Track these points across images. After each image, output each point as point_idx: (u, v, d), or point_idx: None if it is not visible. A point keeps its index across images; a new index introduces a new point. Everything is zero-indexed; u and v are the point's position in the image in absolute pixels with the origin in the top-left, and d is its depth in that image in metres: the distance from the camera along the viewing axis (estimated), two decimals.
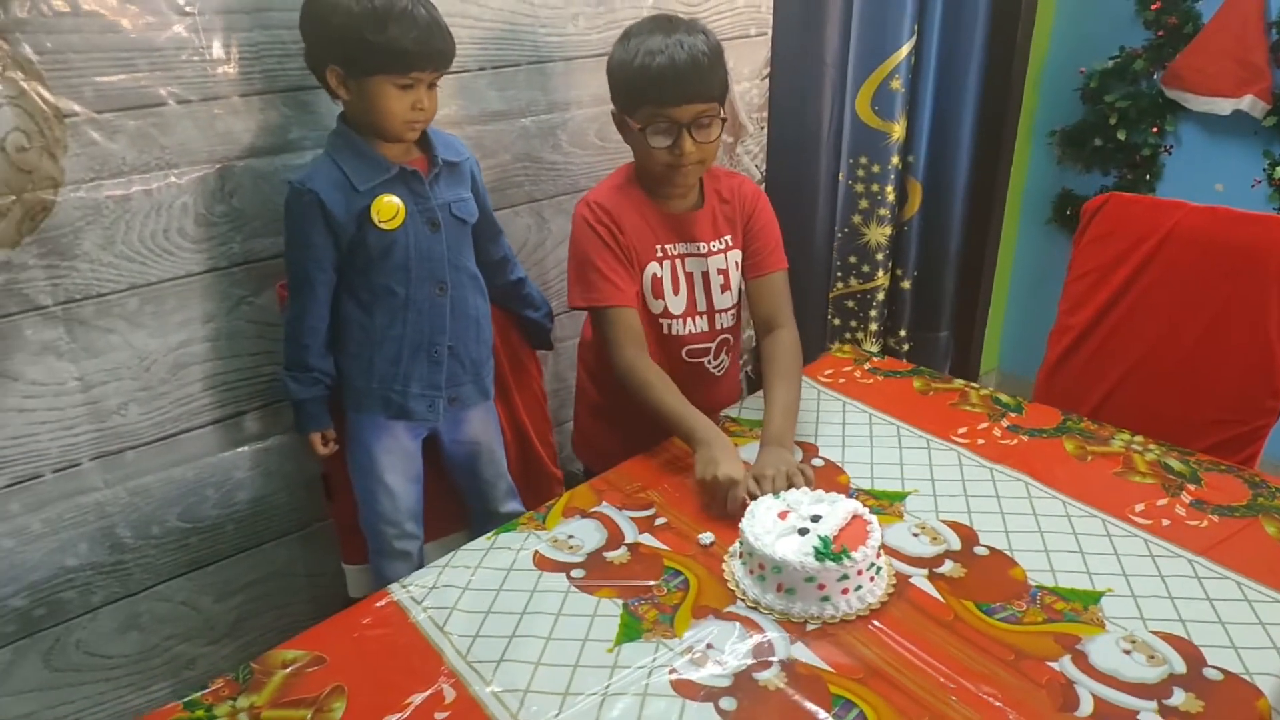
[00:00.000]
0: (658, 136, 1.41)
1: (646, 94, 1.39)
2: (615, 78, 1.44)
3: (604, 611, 1.14)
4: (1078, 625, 1.10)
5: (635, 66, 1.39)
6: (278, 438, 1.58)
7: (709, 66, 1.41)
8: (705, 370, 1.61)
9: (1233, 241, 1.67)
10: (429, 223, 1.37)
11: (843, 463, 1.45)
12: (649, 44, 1.38)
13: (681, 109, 1.39)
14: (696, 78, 1.39)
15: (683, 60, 1.37)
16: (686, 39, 1.39)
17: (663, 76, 1.37)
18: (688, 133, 1.40)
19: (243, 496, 1.58)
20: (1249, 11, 2.33)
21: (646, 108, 1.40)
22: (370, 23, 1.24)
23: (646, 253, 1.51)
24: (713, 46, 1.42)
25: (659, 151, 1.42)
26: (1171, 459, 1.44)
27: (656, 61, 1.37)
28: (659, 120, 1.40)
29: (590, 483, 1.43)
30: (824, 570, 1.12)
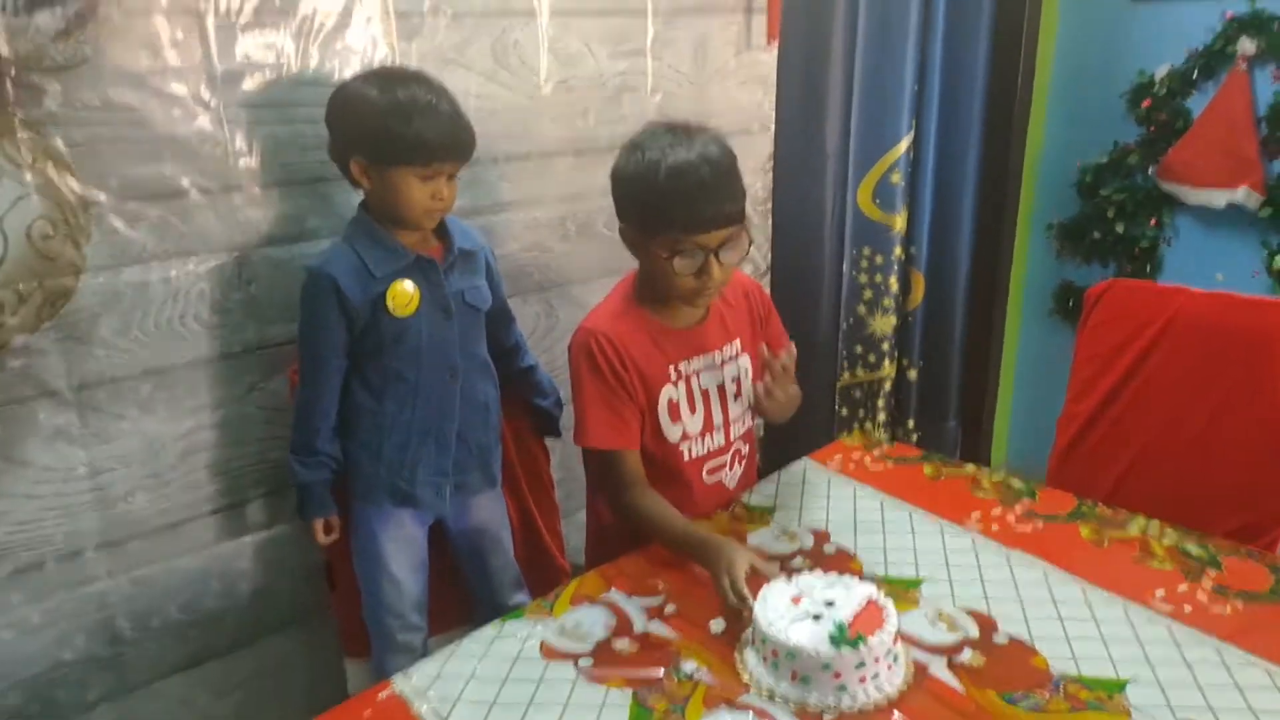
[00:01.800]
0: (685, 263, 1.30)
1: (673, 220, 1.28)
2: (631, 196, 1.34)
3: (613, 701, 1.11)
4: (1104, 714, 1.06)
5: (659, 188, 1.27)
6: (281, 527, 1.57)
7: (734, 182, 1.33)
8: (723, 487, 1.55)
9: (1236, 327, 1.68)
10: (442, 310, 1.39)
11: (855, 549, 1.43)
12: (672, 161, 1.27)
13: (711, 235, 1.30)
14: (726, 199, 1.30)
15: (711, 180, 1.27)
16: (708, 153, 1.28)
17: (693, 201, 1.26)
18: (714, 258, 1.31)
19: (245, 587, 1.56)
20: (1237, 106, 2.40)
21: (672, 233, 1.29)
22: (396, 116, 1.28)
23: (659, 377, 1.42)
24: (731, 156, 1.33)
25: (683, 278, 1.32)
26: (1190, 544, 1.41)
27: (684, 184, 1.26)
28: (685, 246, 1.29)
29: (600, 569, 1.41)
30: (840, 658, 1.08)
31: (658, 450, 1.46)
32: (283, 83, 1.42)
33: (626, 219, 1.39)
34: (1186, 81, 2.51)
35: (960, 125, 2.41)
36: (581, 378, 1.41)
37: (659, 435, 1.45)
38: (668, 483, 1.48)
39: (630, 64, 1.82)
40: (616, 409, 1.40)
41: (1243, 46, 2.37)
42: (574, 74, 1.75)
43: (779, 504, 1.57)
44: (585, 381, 1.40)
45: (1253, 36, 2.35)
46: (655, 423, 1.45)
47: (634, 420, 1.42)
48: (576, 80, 1.75)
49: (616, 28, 1.78)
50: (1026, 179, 2.90)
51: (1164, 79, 2.54)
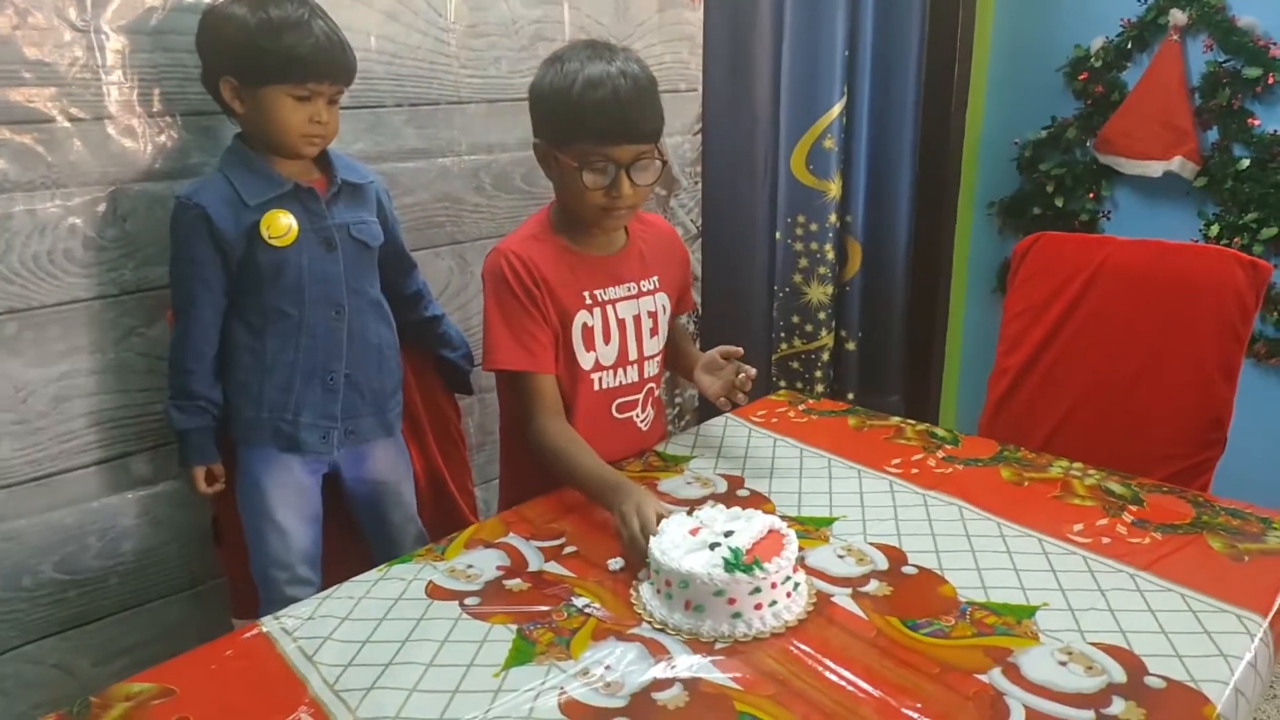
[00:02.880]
0: (594, 176, 1.29)
1: (585, 129, 1.27)
2: (546, 107, 1.32)
3: (495, 637, 1.04)
4: (1010, 639, 1.01)
5: (573, 96, 1.26)
6: (169, 483, 1.48)
7: (651, 100, 1.31)
8: (634, 426, 1.50)
9: (1166, 273, 1.65)
10: (324, 242, 1.32)
11: (769, 493, 1.37)
12: (589, 72, 1.26)
13: (623, 149, 1.28)
14: (641, 114, 1.29)
15: (628, 93, 1.26)
16: (628, 68, 1.28)
17: (605, 111, 1.25)
18: (626, 175, 1.30)
19: (129, 547, 1.46)
20: (1170, 77, 2.40)
21: (583, 144, 1.28)
22: (265, 31, 1.23)
23: (574, 302, 1.38)
24: (650, 77, 1.32)
25: (593, 193, 1.31)
26: (1112, 483, 1.37)
27: (599, 94, 1.25)
28: (596, 159, 1.28)
29: (500, 515, 1.34)
30: (734, 582, 1.02)
31: (567, 378, 1.41)
32: (162, 8, 1.35)
33: (541, 132, 1.36)
34: (1121, 54, 2.51)
35: (895, 95, 2.38)
36: (491, 299, 1.37)
37: (571, 362, 1.40)
38: (578, 415, 1.42)
39: (545, 12, 1.77)
40: (529, 329, 1.35)
41: (1174, 17, 2.37)
42: (484, 19, 1.69)
43: (695, 453, 1.51)
44: (495, 302, 1.36)
45: (1183, 7, 2.35)
46: (569, 349, 1.40)
47: (547, 343, 1.37)
48: (487, 26, 1.70)
49: None
50: (968, 156, 2.88)
51: (1099, 52, 2.54)
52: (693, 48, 2.03)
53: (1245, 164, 2.32)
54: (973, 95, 2.84)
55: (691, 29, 2.01)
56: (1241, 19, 2.28)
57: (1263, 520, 1.25)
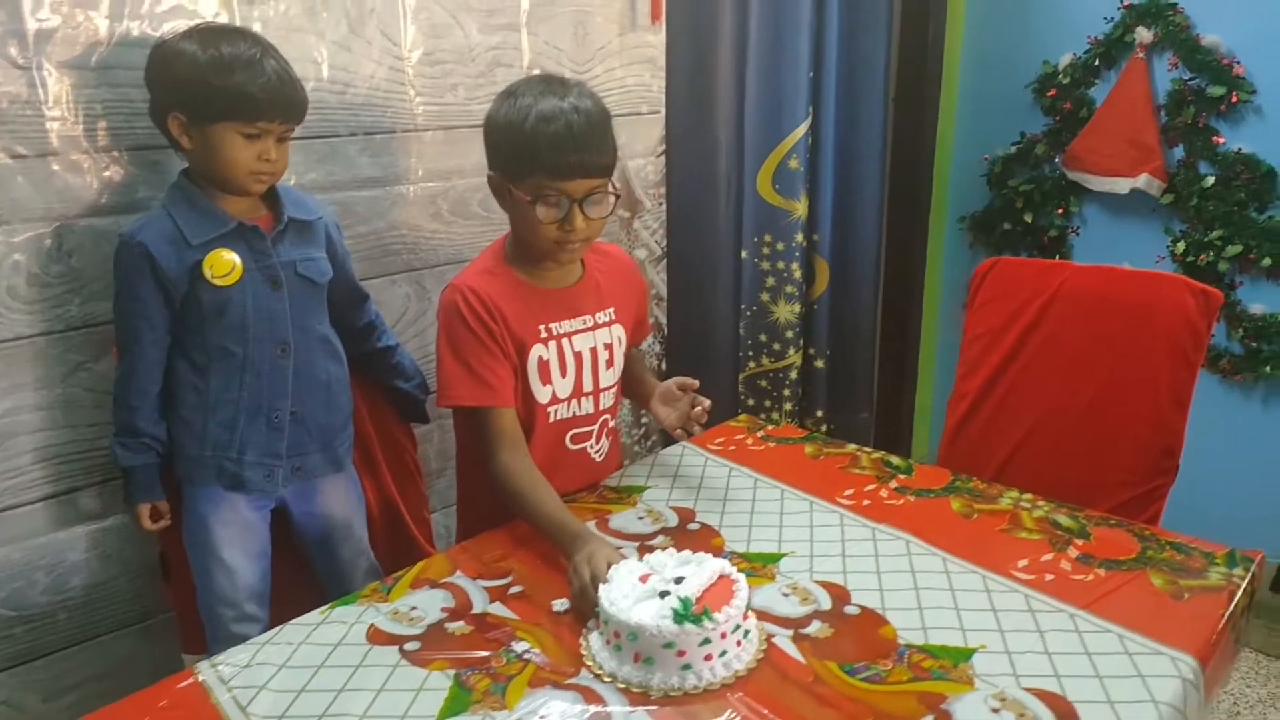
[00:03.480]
0: (547, 209, 1.30)
1: (538, 163, 1.28)
2: (499, 140, 1.33)
3: (432, 685, 1.04)
4: (945, 684, 1.01)
5: (526, 131, 1.27)
6: (118, 517, 1.47)
7: (604, 135, 1.32)
8: (589, 458, 1.50)
9: (1119, 300, 1.65)
10: (269, 281, 1.31)
11: (720, 526, 1.37)
12: (542, 107, 1.28)
13: (576, 183, 1.29)
14: (594, 149, 1.30)
15: (580, 128, 1.28)
16: (581, 104, 1.30)
17: (558, 146, 1.27)
18: (579, 208, 1.31)
19: (77, 582, 1.46)
20: (1137, 94, 2.41)
21: (537, 178, 1.29)
22: (216, 69, 1.22)
23: (530, 335, 1.38)
24: (604, 112, 1.34)
25: (546, 226, 1.31)
26: (1060, 515, 1.37)
27: (552, 128, 1.26)
28: (549, 193, 1.29)
29: (448, 551, 1.34)
30: (683, 634, 1.02)
31: (523, 410, 1.41)
32: (105, 44, 1.33)
33: (495, 165, 1.37)
34: (1089, 70, 2.52)
35: (863, 115, 2.39)
36: (445, 335, 1.37)
37: (527, 395, 1.41)
38: (533, 447, 1.42)
39: (503, 39, 1.76)
40: (486, 364, 1.35)
41: (1140, 35, 2.38)
42: (440, 46, 1.68)
43: (649, 484, 1.51)
44: (450, 339, 1.36)
45: (1149, 25, 2.37)
46: (525, 382, 1.40)
47: (506, 376, 1.37)
48: (443, 53, 1.69)
49: (486, 1, 1.72)
50: (939, 171, 2.89)
51: (1067, 68, 2.55)
52: (654, 70, 2.02)
53: (1210, 182, 2.33)
54: (944, 111, 2.85)
55: (653, 52, 2.01)
56: (1206, 37, 2.29)
57: (1206, 555, 1.25)
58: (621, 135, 2.02)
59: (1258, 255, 2.28)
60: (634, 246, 2.11)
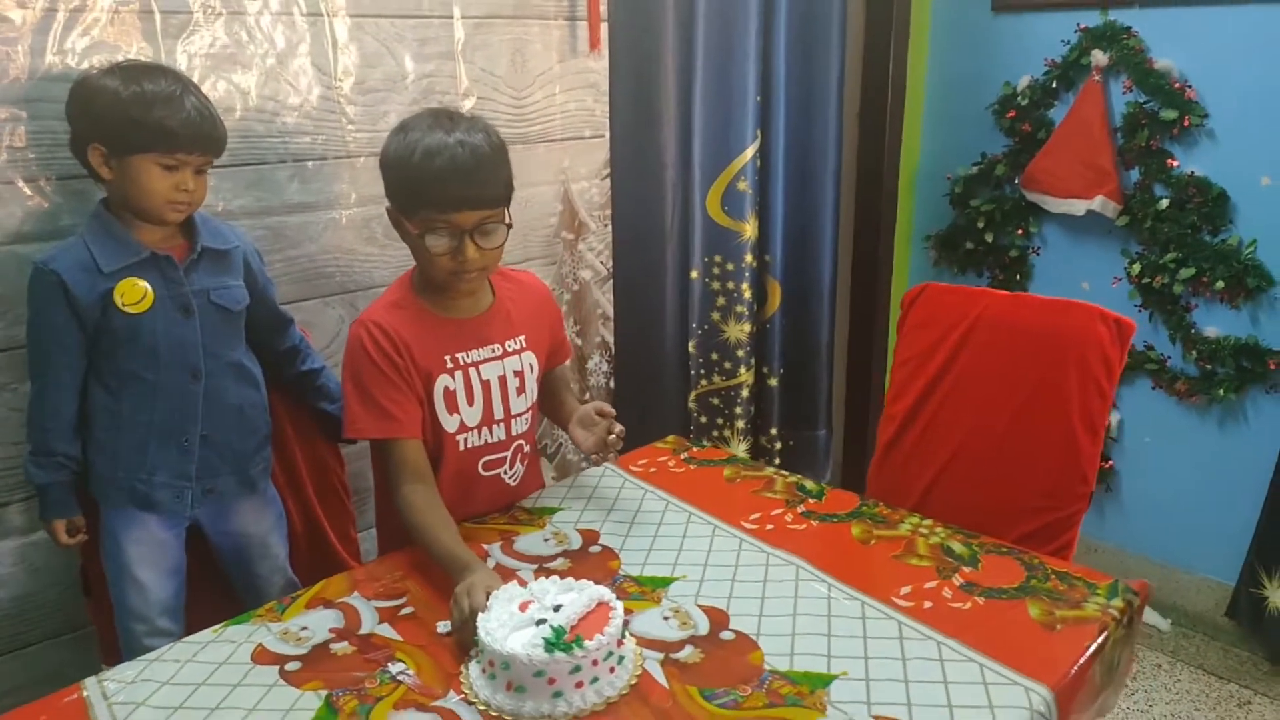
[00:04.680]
0: (438, 241, 1.34)
1: (425, 197, 1.32)
2: (390, 174, 1.37)
3: (303, 705, 1.07)
4: (797, 710, 1.03)
5: (413, 166, 1.31)
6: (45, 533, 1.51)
7: (492, 169, 1.35)
8: (502, 483, 1.53)
9: (1036, 328, 1.67)
10: (181, 309, 1.35)
11: (621, 550, 1.40)
12: (428, 141, 1.31)
13: (464, 215, 1.33)
14: (480, 182, 1.33)
15: (465, 162, 1.31)
16: (468, 139, 1.32)
17: (443, 180, 1.30)
18: (470, 239, 1.34)
19: (5, 594, 1.50)
20: (1092, 116, 2.42)
21: (425, 211, 1.33)
22: (137, 104, 1.26)
23: (436, 365, 1.41)
24: (495, 146, 1.37)
25: (440, 258, 1.35)
26: (955, 542, 1.39)
27: (436, 163, 1.30)
28: (439, 225, 1.33)
29: (349, 572, 1.37)
30: (554, 663, 1.04)
31: (433, 439, 1.44)
32: (28, 78, 1.39)
33: (389, 198, 1.41)
34: (1047, 92, 2.53)
35: (815, 138, 2.40)
36: (350, 370, 1.40)
37: (435, 425, 1.44)
38: (444, 474, 1.45)
39: (437, 66, 1.80)
40: (390, 397, 1.38)
41: (1095, 58, 2.39)
42: (372, 75, 1.73)
43: (562, 505, 1.54)
44: (355, 373, 1.39)
45: (1105, 48, 2.38)
46: (432, 412, 1.43)
47: (411, 409, 1.40)
48: (375, 81, 1.73)
49: (418, 30, 1.76)
50: (904, 190, 2.91)
51: (1025, 90, 2.56)
52: (597, 95, 2.06)
53: (1164, 204, 2.33)
54: (909, 130, 2.87)
55: (595, 77, 2.05)
56: (1159, 61, 2.30)
57: (1089, 586, 1.27)
58: (564, 159, 2.08)
59: (1211, 278, 2.28)
60: (579, 267, 2.14)
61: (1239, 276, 2.24)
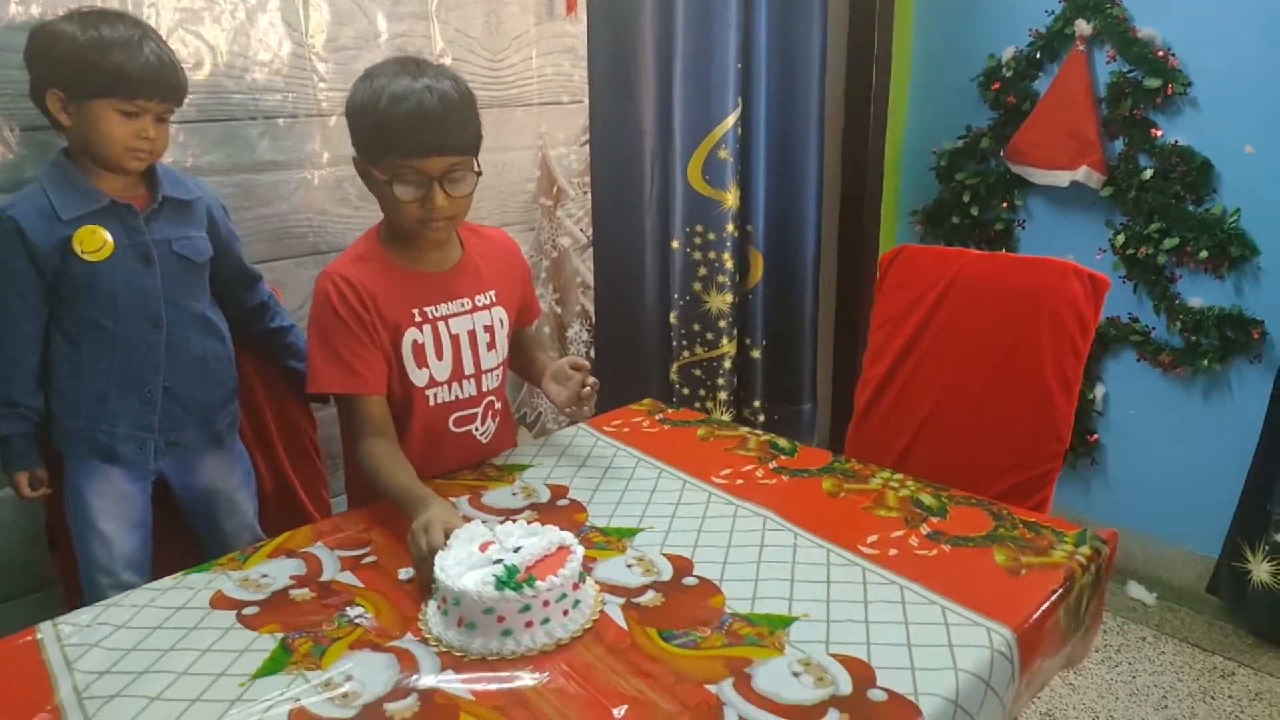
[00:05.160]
0: (405, 189, 1.32)
1: (393, 143, 1.31)
2: (356, 122, 1.35)
3: (258, 647, 1.06)
4: (756, 649, 1.02)
5: (380, 111, 1.30)
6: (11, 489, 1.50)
7: (461, 115, 1.34)
8: (474, 440, 1.52)
9: (1011, 287, 1.66)
10: (141, 258, 1.34)
11: (589, 503, 1.39)
12: (395, 87, 1.30)
13: (432, 161, 1.31)
14: (448, 128, 1.32)
15: (433, 107, 1.30)
16: (436, 84, 1.31)
17: (411, 125, 1.29)
18: (439, 186, 1.33)
19: None
20: (1076, 87, 2.41)
21: (392, 157, 1.31)
22: (94, 48, 1.25)
23: (404, 319, 1.40)
24: (464, 93, 1.36)
25: (407, 205, 1.33)
26: (925, 494, 1.38)
27: (403, 108, 1.29)
28: (406, 171, 1.32)
29: (314, 524, 1.36)
30: (503, 600, 1.03)
31: (402, 394, 1.43)
32: None
33: (356, 147, 1.39)
34: (1031, 63, 2.52)
35: (797, 107, 2.39)
36: (316, 323, 1.39)
37: (404, 379, 1.42)
38: (414, 430, 1.45)
39: (410, 26, 1.79)
40: (355, 352, 1.37)
41: (1079, 27, 2.37)
42: (343, 33, 1.72)
43: (533, 463, 1.53)
44: (319, 326, 1.39)
45: (1089, 18, 2.36)
46: (400, 366, 1.42)
47: (375, 364, 1.39)
48: (347, 39, 1.72)
49: None
50: (891, 164, 2.90)
51: (1010, 61, 2.55)
52: (575, 60, 2.04)
53: (1148, 174, 2.32)
54: (895, 104, 2.85)
55: (573, 41, 2.03)
56: (1142, 30, 2.29)
57: (1056, 534, 1.25)
58: (542, 124, 2.07)
59: (1195, 248, 2.27)
60: (558, 234, 2.13)
61: (1222, 246, 2.23)
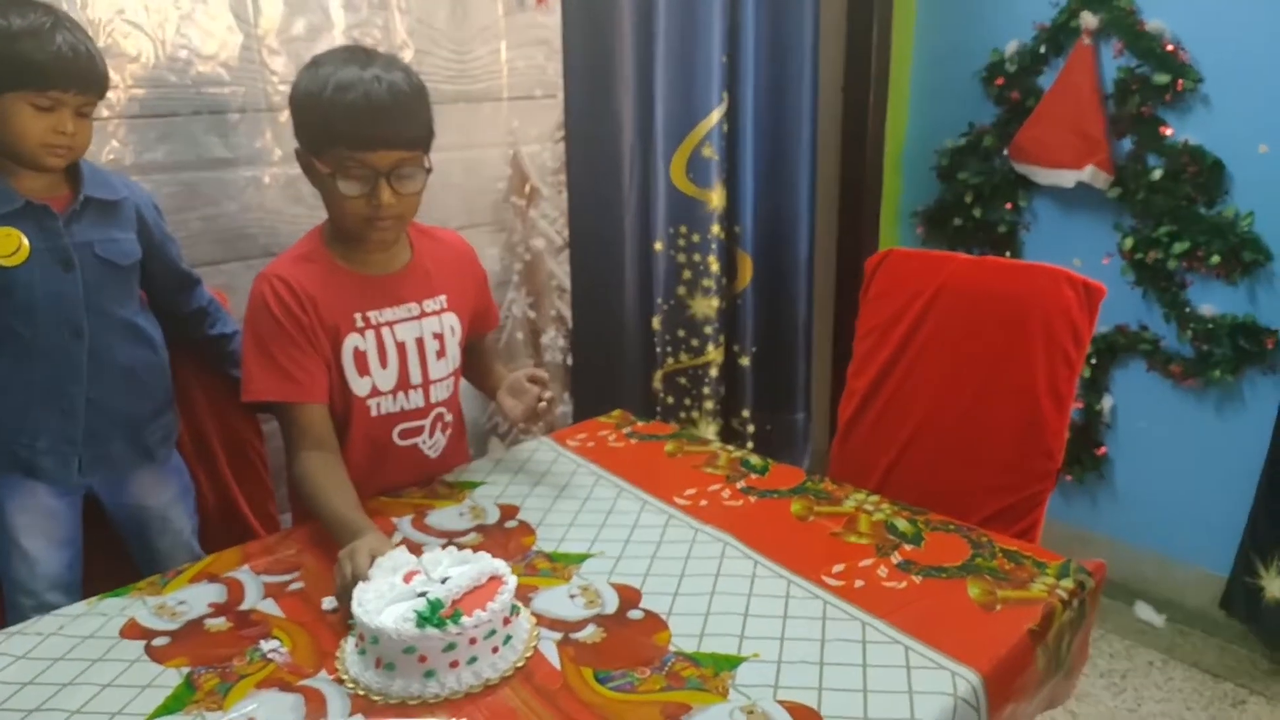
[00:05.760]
0: (350, 184, 1.26)
1: (337, 134, 1.24)
2: (300, 111, 1.28)
3: (162, 682, 0.98)
4: (696, 694, 0.93)
5: (325, 100, 1.23)
6: None
7: (410, 108, 1.27)
8: (420, 454, 1.43)
9: (1001, 293, 1.56)
10: (60, 262, 1.26)
11: (538, 525, 1.30)
12: (341, 76, 1.23)
13: (379, 155, 1.24)
14: (397, 120, 1.25)
15: (381, 98, 1.23)
16: (385, 74, 1.24)
17: (357, 116, 1.22)
18: (386, 182, 1.26)
19: None
20: (1082, 82, 2.30)
21: (337, 149, 1.25)
22: (3, 39, 1.18)
23: (344, 324, 1.33)
24: (415, 85, 1.29)
25: (352, 201, 1.26)
26: (900, 519, 1.28)
27: (349, 98, 1.22)
28: (351, 165, 1.25)
29: (244, 545, 1.28)
30: (424, 639, 0.95)
31: (343, 404, 1.35)
32: None
33: (299, 137, 1.31)
34: (1036, 58, 2.41)
35: (788, 103, 2.30)
36: (251, 327, 1.32)
37: (344, 388, 1.35)
38: (355, 441, 1.37)
39: (367, 16, 1.70)
40: (293, 357, 1.30)
41: (1085, 20, 2.27)
42: (295, 23, 1.63)
43: (486, 480, 1.44)
44: (255, 331, 1.31)
45: (1095, 10, 2.25)
46: (340, 374, 1.34)
47: (315, 371, 1.31)
48: (298, 30, 1.64)
49: None
50: (891, 164, 2.79)
51: (1014, 56, 2.44)
52: (549, 53, 1.96)
53: (1157, 175, 2.21)
54: (895, 102, 2.75)
55: (546, 33, 1.94)
56: (1150, 23, 2.18)
57: (1038, 565, 1.15)
58: (513, 119, 1.98)
59: (1206, 252, 2.16)
60: (531, 236, 2.04)
61: (1235, 250, 2.11)
